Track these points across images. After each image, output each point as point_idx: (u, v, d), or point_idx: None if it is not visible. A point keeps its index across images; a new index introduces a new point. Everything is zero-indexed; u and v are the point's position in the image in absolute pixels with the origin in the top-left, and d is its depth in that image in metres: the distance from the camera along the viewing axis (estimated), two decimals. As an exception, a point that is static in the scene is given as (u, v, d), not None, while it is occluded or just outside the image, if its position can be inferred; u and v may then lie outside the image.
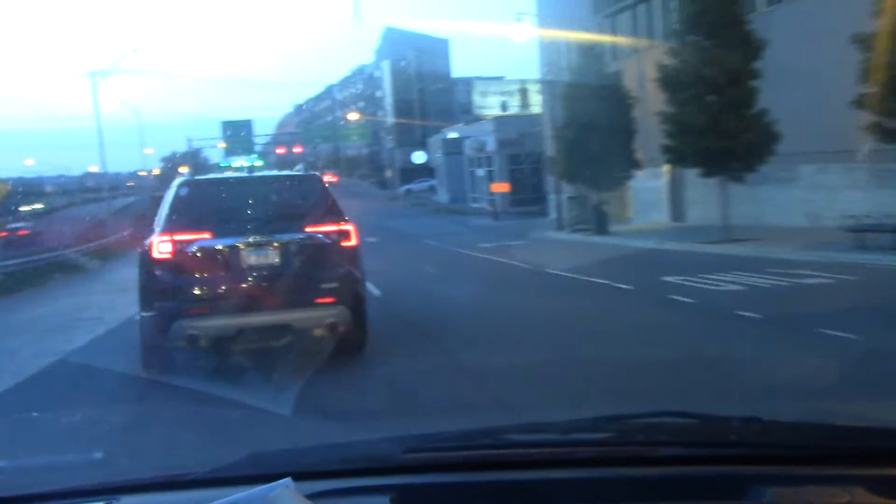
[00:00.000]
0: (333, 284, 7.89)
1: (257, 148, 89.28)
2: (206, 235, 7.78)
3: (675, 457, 1.87)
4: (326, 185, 8.96)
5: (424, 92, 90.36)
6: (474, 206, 52.90)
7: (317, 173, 9.66)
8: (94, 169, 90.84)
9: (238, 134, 79.67)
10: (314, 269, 7.92)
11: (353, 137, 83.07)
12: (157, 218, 8.32)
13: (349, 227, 8.22)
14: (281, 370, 7.80)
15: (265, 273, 7.80)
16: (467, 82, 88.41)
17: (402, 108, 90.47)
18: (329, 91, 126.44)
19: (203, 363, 8.53)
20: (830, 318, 9.48)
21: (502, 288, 15.43)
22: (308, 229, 8.02)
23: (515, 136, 46.76)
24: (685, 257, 19.29)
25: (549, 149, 37.05)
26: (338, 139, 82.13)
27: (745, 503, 1.69)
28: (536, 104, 73.13)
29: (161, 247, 7.74)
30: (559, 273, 17.01)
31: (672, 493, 1.74)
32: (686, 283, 13.94)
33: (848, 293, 12.25)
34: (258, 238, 7.83)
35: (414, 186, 79.37)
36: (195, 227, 7.85)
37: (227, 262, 7.77)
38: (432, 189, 77.14)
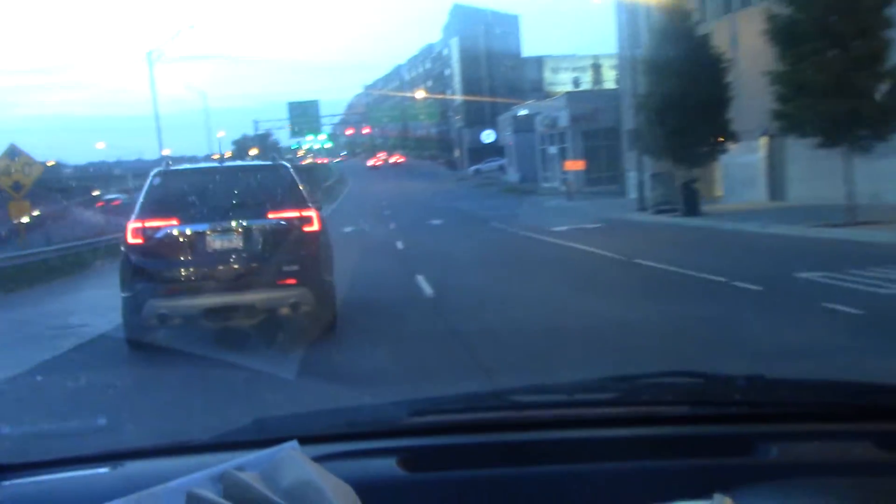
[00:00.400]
0: (294, 267, 8.18)
1: (325, 129, 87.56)
2: (174, 222, 8.10)
3: (681, 416, 1.82)
4: (294, 174, 9.13)
5: (494, 69, 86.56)
6: (546, 185, 49.37)
7: (284, 163, 9.62)
8: (167, 152, 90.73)
9: (304, 115, 77.55)
10: (276, 252, 8.21)
11: (421, 117, 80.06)
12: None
13: (311, 213, 8.50)
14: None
15: (230, 257, 8.16)
16: (538, 59, 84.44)
17: (471, 86, 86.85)
18: (397, 71, 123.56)
19: (207, 330, 8.47)
20: None
21: (589, 287, 11.91)
22: (270, 215, 8.32)
23: (590, 111, 43.01)
24: (808, 244, 15.62)
25: (628, 122, 33.42)
26: (405, 119, 79.21)
27: (751, 460, 1.60)
28: (610, 80, 69.04)
29: (133, 232, 8.10)
30: (655, 265, 13.53)
31: (678, 451, 1.64)
32: (833, 281, 10.40)
33: None
34: (222, 224, 8.16)
35: (483, 166, 75.99)
36: (164, 214, 8.16)
37: (194, 247, 8.13)
38: (502, 169, 73.73)
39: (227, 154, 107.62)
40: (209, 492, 1.16)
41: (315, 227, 8.43)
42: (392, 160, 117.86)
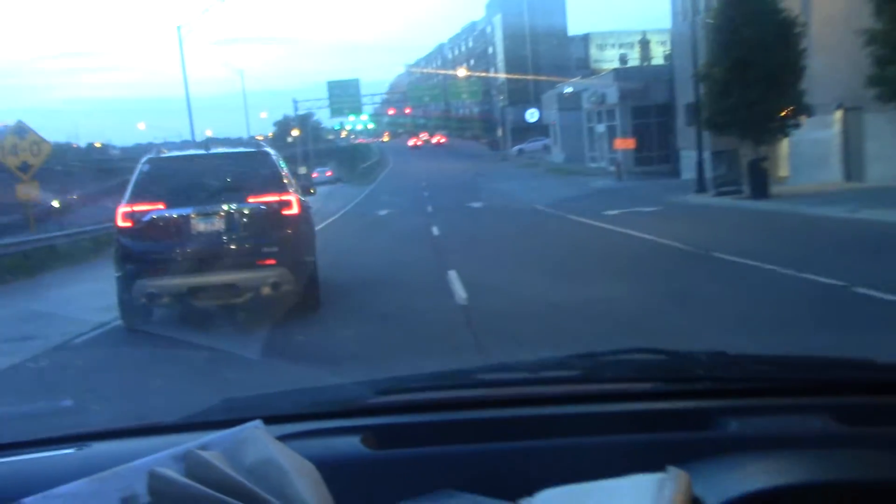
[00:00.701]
0: (274, 248, 8.47)
1: (367, 109, 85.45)
2: (161, 206, 8.45)
3: (643, 392, 1.81)
4: (277, 159, 9.32)
5: (538, 47, 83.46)
6: (593, 165, 46.56)
7: (267, 149, 9.68)
8: (209, 133, 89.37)
9: (345, 94, 75.50)
10: (256, 234, 8.52)
11: (463, 95, 77.41)
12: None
13: (291, 197, 8.77)
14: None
15: (213, 238, 8.41)
16: (584, 36, 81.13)
17: (515, 64, 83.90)
18: (440, 50, 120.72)
19: (174, 311, 8.73)
20: None
21: (664, 291, 9.17)
22: (251, 200, 8.57)
23: (640, 87, 40.01)
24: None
25: (684, 97, 30.60)
26: (447, 98, 76.68)
27: (711, 434, 1.58)
28: (658, 56, 65.68)
29: (123, 216, 8.48)
30: (740, 261, 10.85)
31: (639, 426, 1.61)
32: None
33: None
34: (206, 208, 8.44)
35: (526, 146, 73.21)
36: (152, 198, 8.50)
37: (180, 229, 8.43)
38: (546, 148, 70.95)
39: (270, 135, 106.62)
40: (171, 471, 1.14)
41: (294, 210, 8.70)
42: (434, 140, 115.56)
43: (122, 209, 8.42)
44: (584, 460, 1.45)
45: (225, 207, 8.38)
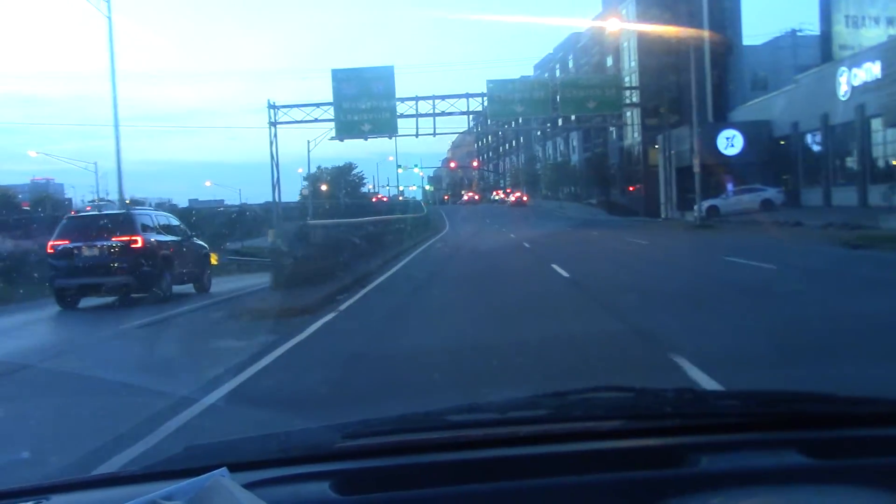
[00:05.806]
0: (125, 265, 13.30)
1: (422, 165, 47.56)
2: (67, 242, 13.48)
3: (612, 430, 1.66)
4: (138, 216, 14.44)
5: (699, 49, 43.72)
6: None
7: (131, 211, 15.62)
8: (208, 183, 56.22)
9: (364, 94, 35.86)
10: (117, 257, 13.35)
11: (589, 104, 38.08)
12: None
13: (138, 237, 13.56)
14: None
15: (94, 259, 13.36)
16: (823, 4, 41.52)
17: (657, 75, 44.68)
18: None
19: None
20: None
21: None
22: (114, 238, 13.50)
23: None
24: None
25: None
26: (562, 109, 37.63)
27: (683, 472, 1.46)
28: None
29: (50, 247, 13.59)
30: None
31: (611, 465, 1.49)
32: None
33: None
34: (91, 242, 13.45)
35: (723, 201, 33.35)
36: (64, 237, 13.58)
37: (77, 254, 13.35)
38: (767, 205, 31.18)
39: (304, 192, 75.74)
40: None
41: (139, 244, 13.44)
42: (512, 198, 78.04)
43: (50, 243, 13.58)
44: (554, 501, 1.38)
45: (100, 242, 13.39)
